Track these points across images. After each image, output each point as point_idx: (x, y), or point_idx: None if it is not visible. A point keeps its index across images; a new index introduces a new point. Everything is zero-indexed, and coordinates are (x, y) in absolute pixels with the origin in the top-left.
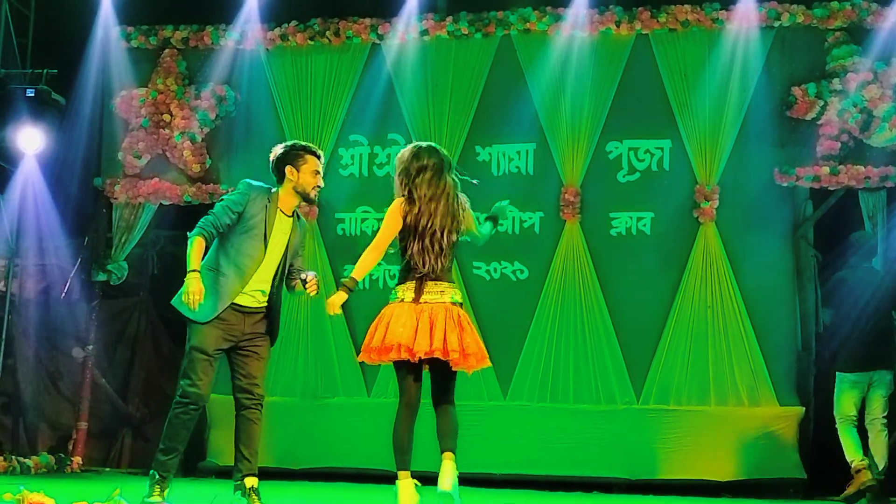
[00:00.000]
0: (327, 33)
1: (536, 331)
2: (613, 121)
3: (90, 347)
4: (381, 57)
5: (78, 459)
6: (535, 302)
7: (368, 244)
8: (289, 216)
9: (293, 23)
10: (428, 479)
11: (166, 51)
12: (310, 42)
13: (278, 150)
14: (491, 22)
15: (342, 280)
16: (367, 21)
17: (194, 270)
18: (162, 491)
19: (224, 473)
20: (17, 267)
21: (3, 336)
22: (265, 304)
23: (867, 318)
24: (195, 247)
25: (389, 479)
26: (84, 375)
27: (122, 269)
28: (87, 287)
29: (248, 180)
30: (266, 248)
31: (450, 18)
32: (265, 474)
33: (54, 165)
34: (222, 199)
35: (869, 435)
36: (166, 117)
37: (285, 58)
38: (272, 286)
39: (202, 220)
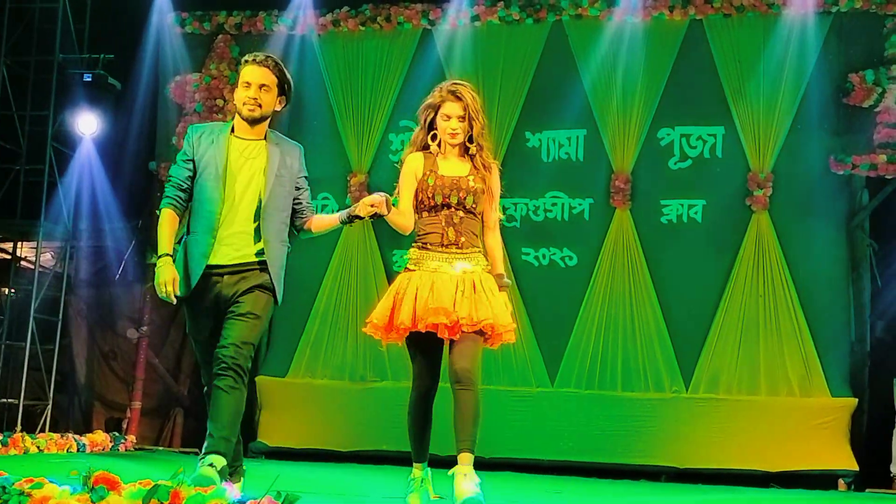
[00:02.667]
0: (378, 19)
1: (585, 318)
2: (665, 107)
3: (144, 328)
4: (432, 42)
5: (132, 438)
6: (584, 289)
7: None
8: (255, 139)
9: (345, 8)
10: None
11: (220, 36)
12: (361, 28)
13: None
14: (543, 7)
15: None
16: (419, 7)
17: (165, 255)
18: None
19: (273, 454)
20: (74, 249)
21: (60, 316)
22: (254, 255)
23: None
24: (164, 222)
25: (436, 462)
26: (138, 356)
27: (177, 251)
28: (141, 269)
29: (194, 124)
30: (224, 182)
31: (501, 4)
32: (312, 456)
33: (110, 149)
34: None
35: None
36: (219, 102)
37: (337, 43)
38: (260, 228)
39: (165, 188)
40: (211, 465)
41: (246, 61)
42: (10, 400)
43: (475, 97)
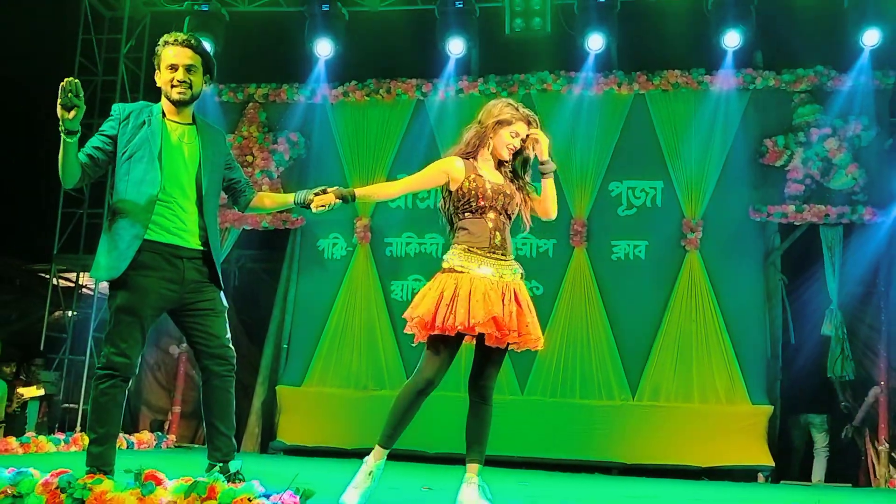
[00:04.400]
0: (381, 91)
1: (549, 338)
2: (615, 164)
3: (184, 346)
4: (424, 110)
5: (172, 437)
6: (549, 313)
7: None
8: (187, 123)
9: (353, 82)
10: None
11: (250, 104)
12: (366, 98)
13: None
14: (515, 83)
15: None
16: (414, 81)
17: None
18: None
19: (291, 451)
20: None
21: None
22: (200, 244)
23: None
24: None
25: (425, 458)
26: (178, 368)
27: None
28: None
29: (117, 103)
30: (161, 167)
31: (481, 80)
32: (323, 453)
33: None
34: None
35: None
36: (249, 158)
37: (346, 110)
38: (200, 217)
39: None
40: (238, 470)
41: (166, 42)
42: (72, 405)
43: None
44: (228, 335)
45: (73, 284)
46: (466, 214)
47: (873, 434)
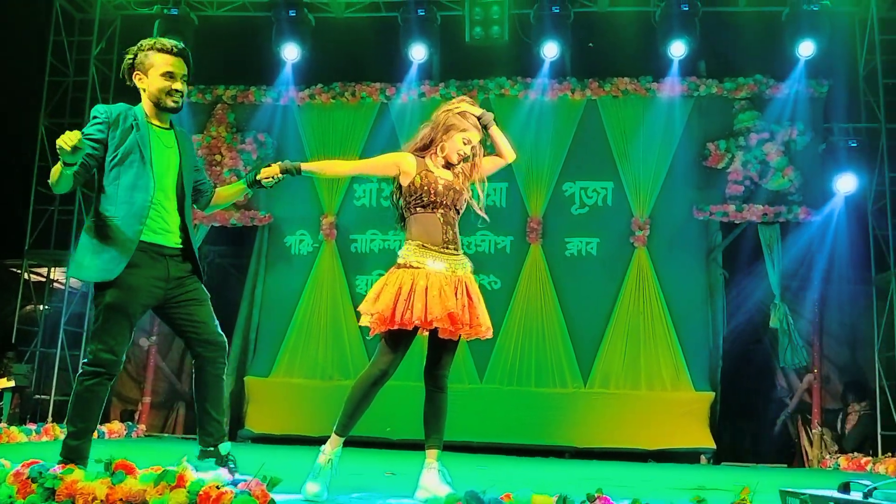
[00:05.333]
0: (346, 94)
1: (507, 329)
2: (568, 166)
3: (153, 338)
4: (388, 113)
5: (142, 427)
6: (507, 306)
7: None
8: (167, 129)
9: (319, 85)
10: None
11: (219, 105)
12: (332, 100)
13: (125, 58)
14: (474, 88)
15: None
16: (378, 85)
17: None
18: None
19: (258, 439)
20: None
21: (85, 328)
22: (180, 242)
23: None
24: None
25: (388, 445)
26: (148, 360)
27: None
28: None
29: (101, 105)
30: (153, 173)
31: (442, 84)
32: (289, 440)
33: None
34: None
35: None
36: (218, 157)
37: (313, 112)
38: (182, 217)
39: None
40: (229, 452)
41: (161, 49)
42: (43, 396)
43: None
44: (216, 322)
45: (44, 279)
46: (418, 210)
47: (807, 419)
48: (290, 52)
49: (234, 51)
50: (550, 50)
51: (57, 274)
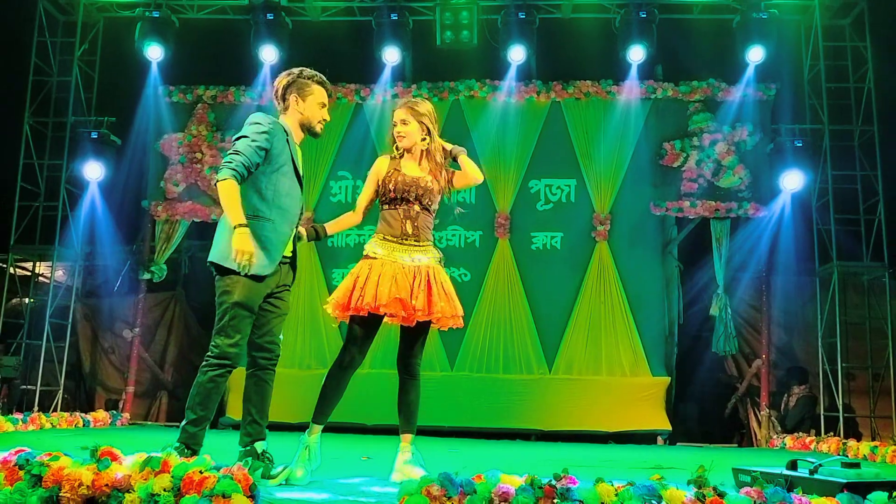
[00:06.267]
0: None
1: (476, 319)
2: (534, 164)
3: (136, 329)
4: (362, 113)
5: (126, 415)
6: (476, 298)
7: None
8: (299, 147)
9: None
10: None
11: (199, 105)
12: None
13: (283, 77)
14: (445, 90)
15: None
16: (353, 86)
17: (243, 225)
18: None
19: (238, 427)
20: (81, 267)
21: (70, 320)
22: (290, 251)
23: None
24: (234, 193)
25: (364, 430)
26: (131, 350)
27: (162, 269)
28: (134, 283)
29: (260, 113)
30: (301, 184)
31: (414, 86)
32: (269, 427)
33: (111, 190)
34: (242, 136)
35: None
36: (198, 155)
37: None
38: (297, 227)
39: (229, 158)
40: (265, 451)
41: (322, 82)
42: (29, 386)
43: (420, 107)
44: (282, 336)
45: (29, 273)
46: (385, 206)
47: (755, 402)
48: (269, 54)
49: (214, 52)
50: (517, 54)
51: (42, 268)
